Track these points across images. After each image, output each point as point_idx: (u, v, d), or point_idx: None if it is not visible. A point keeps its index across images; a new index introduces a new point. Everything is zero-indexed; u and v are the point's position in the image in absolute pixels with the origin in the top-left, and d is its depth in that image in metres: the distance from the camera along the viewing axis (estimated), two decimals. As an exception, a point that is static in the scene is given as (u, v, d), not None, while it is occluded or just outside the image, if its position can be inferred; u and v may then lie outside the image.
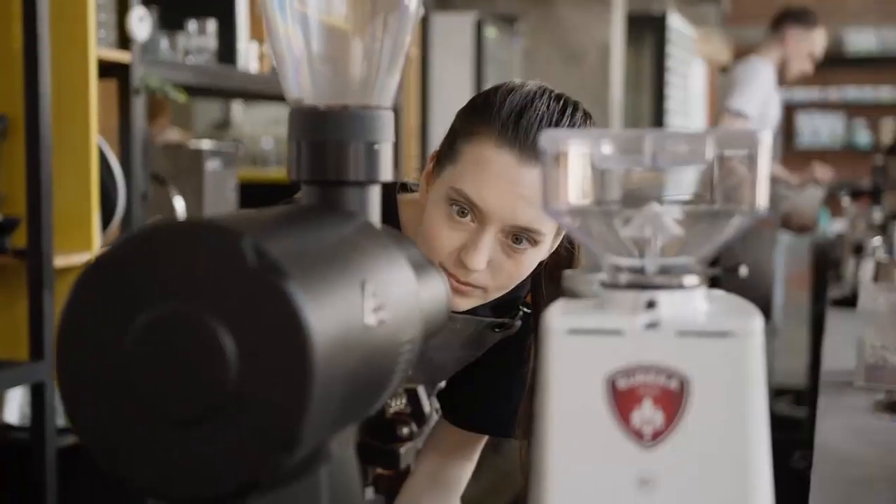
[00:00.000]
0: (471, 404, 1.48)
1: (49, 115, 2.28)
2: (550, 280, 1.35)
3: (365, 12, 0.78)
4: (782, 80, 4.42)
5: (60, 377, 0.60)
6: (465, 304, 1.27)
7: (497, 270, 1.24)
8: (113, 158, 2.49)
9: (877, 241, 2.98)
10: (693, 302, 0.68)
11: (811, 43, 4.35)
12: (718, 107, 4.40)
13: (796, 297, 6.26)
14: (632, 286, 0.67)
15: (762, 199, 0.66)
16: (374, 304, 0.66)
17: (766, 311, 4.42)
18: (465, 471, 1.53)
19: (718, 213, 0.68)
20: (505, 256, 1.24)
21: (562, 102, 1.27)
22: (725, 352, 0.65)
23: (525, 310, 1.41)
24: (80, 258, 2.37)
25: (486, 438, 1.52)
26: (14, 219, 2.29)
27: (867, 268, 2.88)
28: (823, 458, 1.43)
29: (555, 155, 0.68)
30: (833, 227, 7.04)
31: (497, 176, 1.20)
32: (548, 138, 0.68)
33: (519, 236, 1.23)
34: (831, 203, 9.00)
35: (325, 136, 0.75)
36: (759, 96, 4.22)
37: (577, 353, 0.66)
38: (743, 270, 0.70)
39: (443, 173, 1.26)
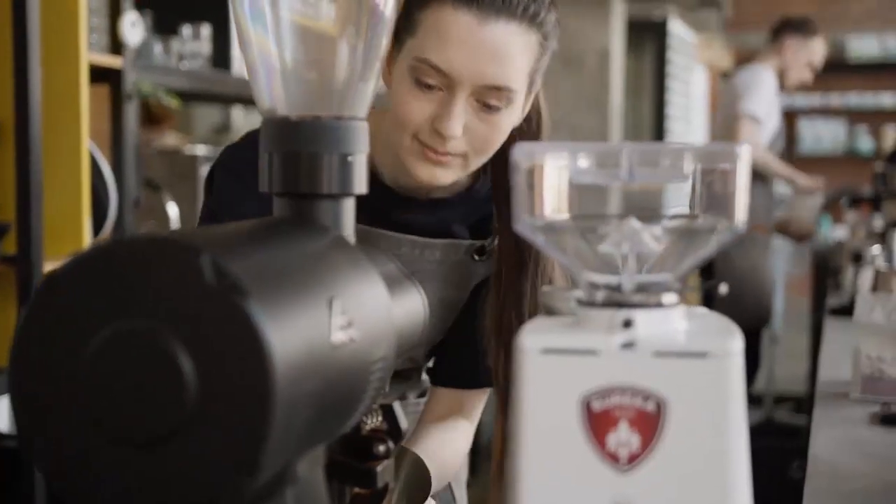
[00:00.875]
0: (460, 360, 1.43)
1: (39, 121, 2.26)
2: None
3: (338, 19, 0.76)
4: (781, 87, 4.43)
5: (13, 395, 0.59)
6: (446, 175, 1.25)
7: (473, 135, 1.22)
8: (104, 164, 2.47)
9: (876, 249, 2.96)
10: (671, 321, 0.66)
11: (810, 52, 4.35)
12: (725, 113, 4.38)
13: (797, 302, 6.24)
14: (608, 304, 0.66)
15: (741, 215, 0.64)
16: (343, 321, 0.64)
17: (763, 316, 4.40)
18: (468, 432, 1.47)
19: (697, 230, 0.66)
20: (479, 121, 1.22)
21: None
22: (704, 373, 0.63)
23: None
24: (71, 265, 2.35)
25: (484, 397, 1.46)
26: (4, 224, 2.27)
27: (866, 276, 2.86)
28: (817, 470, 1.40)
29: (528, 168, 0.66)
30: (834, 233, 7.02)
31: (459, 38, 1.18)
32: (521, 152, 0.66)
33: (490, 99, 1.21)
34: (832, 209, 8.99)
35: (298, 148, 0.74)
36: (766, 101, 4.23)
37: (551, 374, 0.64)
38: (722, 289, 0.68)
39: (403, 49, 1.23)
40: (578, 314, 0.67)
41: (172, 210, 2.80)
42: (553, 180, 0.66)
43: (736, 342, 0.64)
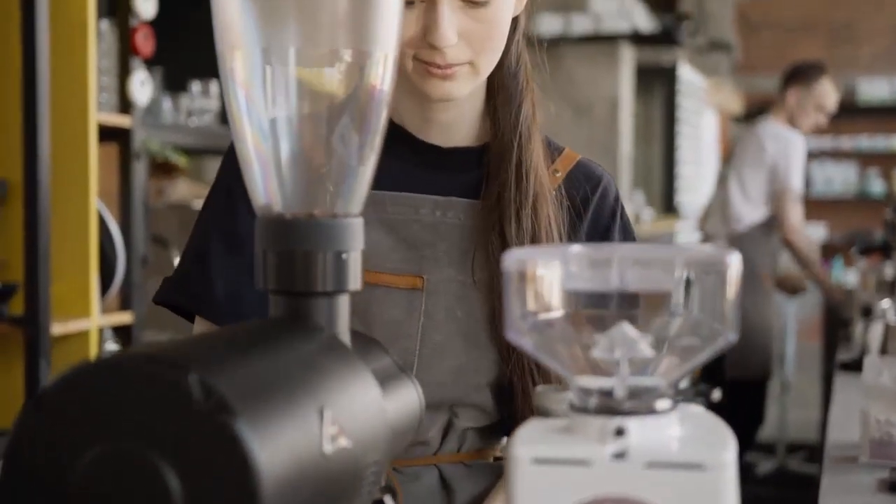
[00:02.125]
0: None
1: (48, 181, 2.28)
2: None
3: (332, 115, 0.76)
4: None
5: (2, 516, 0.58)
6: (458, 87, 1.18)
7: (471, 38, 1.15)
8: (112, 223, 2.48)
9: (885, 303, 2.94)
10: (665, 428, 0.65)
11: (816, 97, 4.38)
12: (775, 186, 4.36)
13: (809, 347, 6.21)
14: (600, 411, 0.65)
15: (732, 324, 0.63)
16: (334, 431, 0.64)
17: (768, 366, 4.38)
18: None
19: (689, 337, 0.65)
20: (471, 20, 1.15)
21: None
22: (697, 485, 0.62)
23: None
24: (79, 325, 2.36)
25: None
26: (11, 285, 2.28)
27: (876, 331, 2.85)
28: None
29: (519, 273, 0.66)
30: (846, 277, 6.99)
31: None
32: (512, 259, 0.66)
33: None
34: (844, 253, 8.97)
35: (293, 246, 0.74)
36: (802, 170, 4.33)
37: (543, 484, 0.63)
38: (716, 395, 0.67)
39: None
40: (571, 419, 0.67)
41: (180, 266, 2.80)
42: (543, 286, 0.66)
43: (730, 452, 0.63)
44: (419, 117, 1.26)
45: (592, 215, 1.29)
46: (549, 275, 0.66)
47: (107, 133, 2.53)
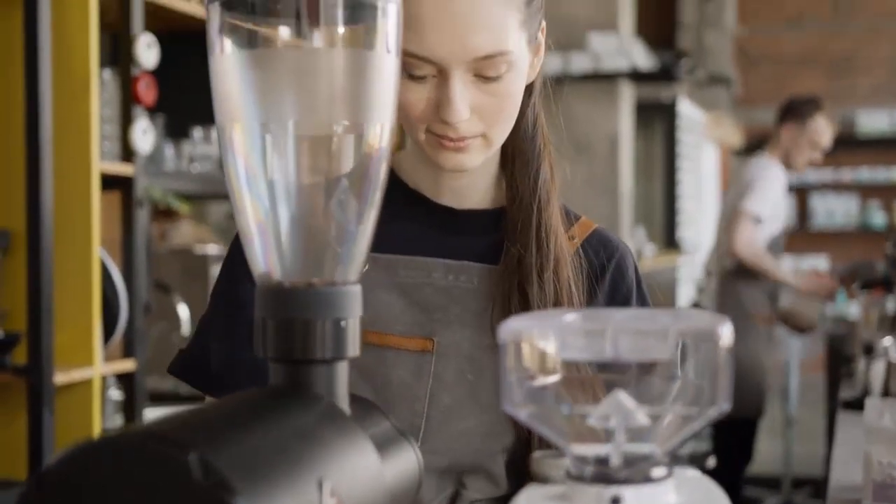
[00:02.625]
0: None
1: (51, 231, 2.29)
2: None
3: (330, 185, 0.77)
4: (789, 169, 4.47)
5: None
6: (471, 159, 1.17)
7: (483, 112, 1.14)
8: (115, 271, 2.49)
9: (888, 341, 2.94)
10: (661, 496, 0.66)
11: (810, 133, 4.39)
12: (730, 203, 4.42)
13: (814, 379, 6.20)
14: (596, 479, 0.66)
15: (724, 394, 0.64)
16: (332, 502, 0.65)
17: (760, 406, 4.36)
18: None
19: (682, 406, 0.66)
20: (484, 94, 1.13)
21: None
22: (692, 553, 0.63)
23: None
24: (82, 374, 2.36)
25: None
26: (15, 335, 2.29)
27: (878, 369, 2.85)
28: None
29: (515, 345, 0.67)
30: (849, 309, 6.99)
31: (430, 19, 1.10)
32: (507, 329, 0.67)
33: (487, 71, 1.12)
34: (846, 285, 8.95)
35: (291, 315, 0.74)
36: (773, 198, 4.28)
37: (540, 554, 0.64)
38: (710, 462, 0.68)
39: None
40: (568, 487, 0.67)
41: (183, 311, 2.82)
42: (538, 355, 0.67)
43: (724, 520, 0.64)
44: (433, 182, 1.26)
45: (610, 285, 1.27)
46: (544, 344, 0.67)
47: (109, 181, 2.55)
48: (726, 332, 0.65)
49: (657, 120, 6.98)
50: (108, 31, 2.77)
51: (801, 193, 9.85)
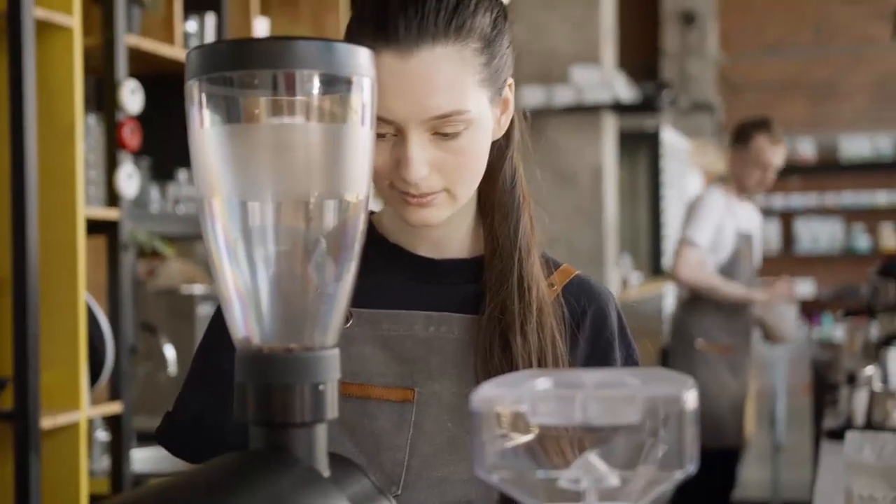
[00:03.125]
0: None
1: (37, 276, 2.31)
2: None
3: (307, 253, 0.79)
4: (744, 193, 4.47)
5: None
6: (435, 214, 1.19)
7: (443, 168, 1.15)
8: (101, 314, 2.50)
9: (869, 370, 2.97)
10: (631, 557, 0.68)
11: (754, 154, 4.37)
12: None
13: (802, 402, 6.21)
14: (569, 543, 0.68)
15: (690, 457, 0.66)
16: (312, 568, 0.67)
17: (735, 433, 4.35)
18: None
19: (651, 468, 0.68)
20: (444, 152, 1.15)
21: None
22: None
23: None
24: (68, 418, 2.37)
25: None
26: (2, 380, 2.30)
27: (861, 398, 2.87)
28: None
29: (486, 412, 0.69)
30: (835, 332, 7.01)
31: (387, 81, 1.11)
32: (480, 398, 0.69)
33: (445, 128, 1.13)
34: (833, 308, 9.00)
35: (271, 380, 0.76)
36: (712, 225, 4.29)
37: None
38: None
39: None
40: (542, 549, 0.69)
41: (169, 352, 2.83)
42: (509, 421, 0.69)
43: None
44: (411, 234, 1.27)
45: (591, 331, 1.28)
46: (514, 410, 0.69)
47: (95, 225, 2.56)
48: (690, 398, 0.67)
49: (641, 149, 7.03)
50: (92, 74, 2.79)
51: (785, 218, 9.92)
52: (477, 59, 1.15)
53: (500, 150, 1.26)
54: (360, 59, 0.78)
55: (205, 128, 0.77)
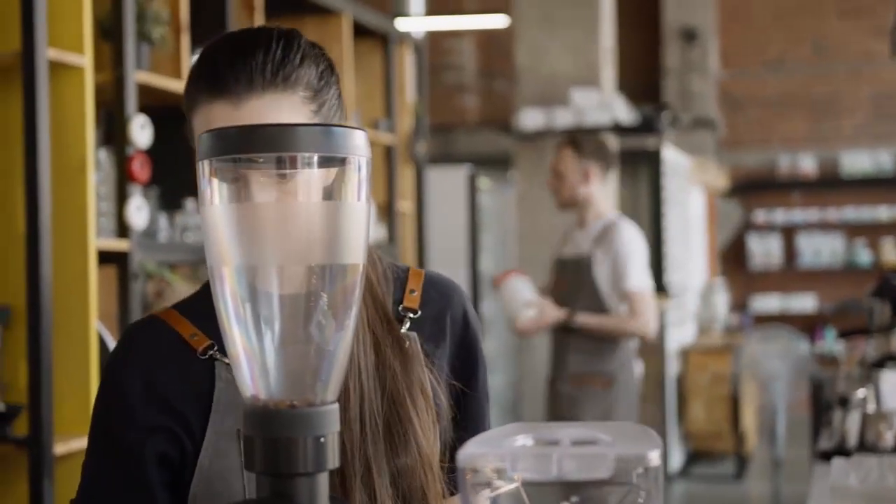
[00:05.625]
0: None
1: (50, 306, 2.38)
2: None
3: (308, 317, 0.87)
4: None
5: None
6: None
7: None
8: (112, 342, 2.58)
9: (861, 392, 3.01)
10: None
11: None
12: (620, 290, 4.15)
13: (803, 417, 6.26)
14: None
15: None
16: None
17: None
18: None
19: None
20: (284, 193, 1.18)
21: (254, 31, 1.24)
22: None
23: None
24: (81, 444, 2.44)
25: None
26: (16, 407, 2.37)
27: (853, 420, 2.92)
28: None
29: (471, 469, 0.76)
30: (836, 346, 7.05)
31: (222, 125, 1.16)
32: (464, 456, 0.76)
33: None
34: (836, 323, 9.05)
35: (276, 434, 0.84)
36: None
37: None
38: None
39: None
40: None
41: (178, 377, 2.90)
42: (490, 477, 0.76)
43: None
44: None
45: (452, 329, 1.33)
46: (495, 467, 0.76)
47: (105, 256, 2.64)
48: (654, 456, 0.74)
49: (642, 167, 7.08)
50: (103, 107, 2.87)
51: (787, 233, 9.99)
52: (306, 106, 1.22)
53: None
54: (356, 141, 0.86)
55: (214, 204, 0.85)
